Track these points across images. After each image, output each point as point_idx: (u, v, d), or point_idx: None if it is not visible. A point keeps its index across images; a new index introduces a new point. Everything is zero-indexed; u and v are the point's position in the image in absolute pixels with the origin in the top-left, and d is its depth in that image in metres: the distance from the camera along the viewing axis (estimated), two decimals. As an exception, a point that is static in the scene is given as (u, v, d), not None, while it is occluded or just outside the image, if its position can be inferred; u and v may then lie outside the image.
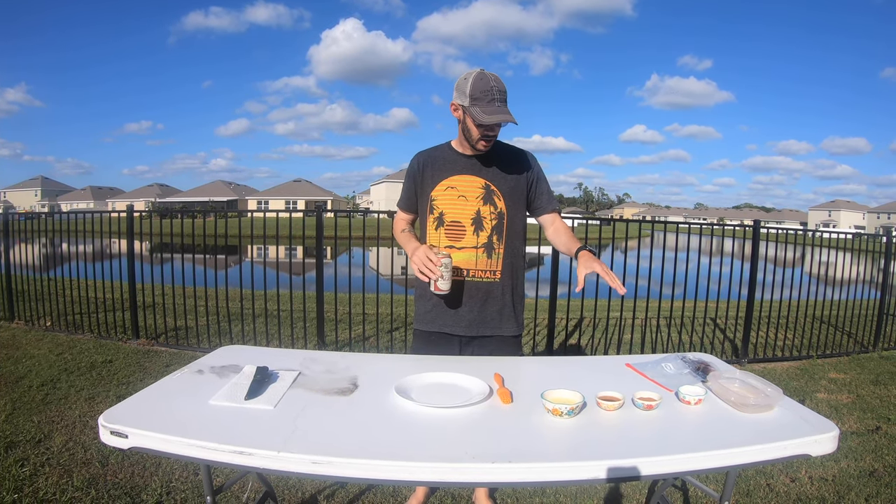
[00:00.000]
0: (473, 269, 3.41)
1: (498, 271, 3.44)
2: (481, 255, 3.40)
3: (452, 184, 3.41)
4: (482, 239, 3.40)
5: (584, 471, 1.98)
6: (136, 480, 4.16)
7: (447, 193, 3.42)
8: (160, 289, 8.48)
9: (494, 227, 3.40)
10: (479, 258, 3.40)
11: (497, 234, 3.42)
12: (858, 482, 4.44)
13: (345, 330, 8.52)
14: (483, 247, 3.40)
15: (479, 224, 3.39)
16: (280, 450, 1.95)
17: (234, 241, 8.88)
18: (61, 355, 7.22)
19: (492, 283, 3.43)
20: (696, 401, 2.49)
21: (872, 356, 8.60)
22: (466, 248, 3.40)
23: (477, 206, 3.39)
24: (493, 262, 3.42)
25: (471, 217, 3.39)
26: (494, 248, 3.41)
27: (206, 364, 2.87)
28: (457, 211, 3.40)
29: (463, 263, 3.39)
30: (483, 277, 3.42)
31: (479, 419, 2.31)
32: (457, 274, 3.35)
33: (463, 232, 3.40)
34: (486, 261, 3.41)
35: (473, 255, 3.40)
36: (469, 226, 3.39)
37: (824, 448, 2.21)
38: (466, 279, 3.40)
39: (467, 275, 3.40)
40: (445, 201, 3.43)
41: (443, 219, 3.42)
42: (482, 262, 3.41)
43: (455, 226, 3.40)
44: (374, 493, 4.09)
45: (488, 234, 3.40)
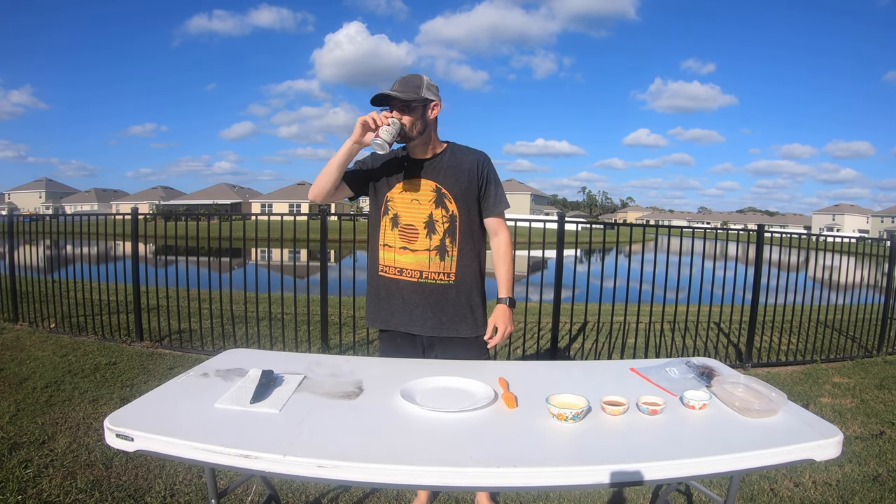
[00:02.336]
0: (427, 272, 3.45)
1: (452, 273, 3.47)
2: (434, 257, 3.44)
3: (406, 187, 3.47)
4: (434, 241, 3.44)
5: (588, 475, 1.98)
6: (140, 483, 4.15)
7: (401, 196, 3.47)
8: (164, 291, 8.49)
9: (447, 231, 3.44)
10: (431, 260, 3.44)
11: (450, 237, 3.45)
12: (862, 487, 4.42)
13: (349, 333, 8.52)
14: (436, 249, 3.44)
15: (432, 227, 3.43)
16: (286, 453, 1.97)
17: (238, 244, 8.88)
18: (65, 357, 7.22)
19: (446, 285, 3.47)
20: (700, 406, 2.49)
21: (876, 360, 8.57)
22: (419, 251, 3.44)
23: (429, 209, 3.44)
24: (446, 265, 3.46)
25: (423, 220, 3.44)
26: (447, 250, 3.45)
27: (211, 367, 2.88)
28: (410, 214, 3.45)
29: (417, 265, 3.44)
30: (437, 279, 3.46)
31: (484, 423, 2.31)
32: (412, 276, 3.43)
33: (416, 234, 3.44)
34: (440, 263, 3.45)
35: (426, 258, 3.44)
36: (422, 229, 3.44)
37: (828, 453, 2.22)
38: (421, 280, 3.44)
39: (422, 276, 3.44)
40: (400, 204, 3.48)
41: (397, 220, 3.47)
42: (435, 265, 3.45)
43: (408, 228, 3.45)
44: (377, 496, 4.10)
45: (441, 236, 3.44)
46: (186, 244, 8.56)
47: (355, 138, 3.25)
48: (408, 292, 3.46)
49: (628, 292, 7.38)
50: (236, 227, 8.41)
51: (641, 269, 7.49)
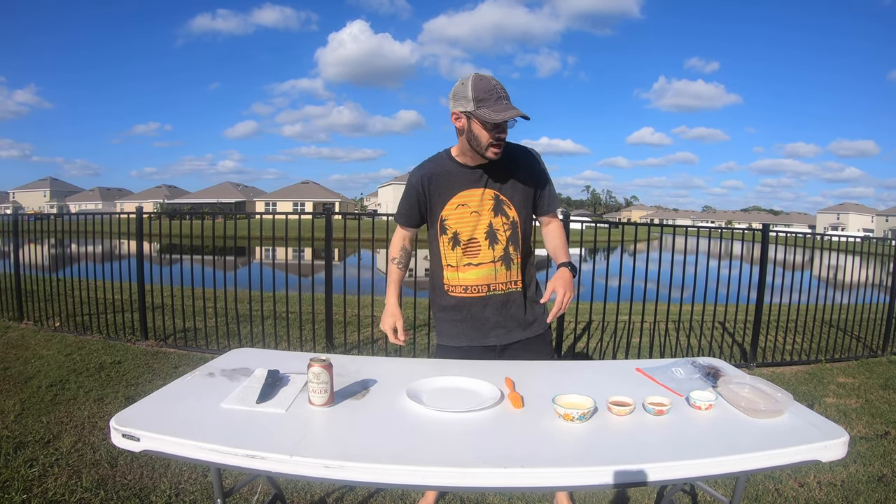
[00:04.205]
0: (494, 283, 3.34)
1: (519, 281, 3.38)
2: (500, 268, 3.32)
3: (462, 200, 3.29)
4: (498, 252, 3.31)
5: (594, 476, 1.98)
6: (146, 482, 4.16)
7: (458, 211, 3.30)
8: (169, 290, 8.49)
9: (510, 238, 3.31)
10: (497, 272, 3.32)
11: (513, 244, 3.33)
12: (867, 487, 4.42)
13: (353, 332, 8.52)
14: (500, 259, 3.31)
15: (494, 237, 3.29)
16: (292, 454, 1.97)
17: (242, 243, 8.88)
18: (70, 356, 7.23)
19: (514, 293, 3.38)
20: (706, 406, 2.49)
21: (882, 360, 8.56)
22: (484, 264, 3.31)
23: (488, 218, 3.29)
24: (512, 273, 3.36)
25: (484, 231, 3.29)
26: (512, 258, 3.34)
27: (216, 367, 2.88)
28: (470, 228, 3.29)
29: (483, 279, 3.32)
30: (505, 290, 3.36)
31: (490, 424, 2.31)
32: (478, 291, 3.33)
33: (479, 248, 3.30)
34: (506, 272, 3.34)
35: (492, 270, 3.32)
36: (483, 240, 3.29)
37: (834, 454, 2.22)
38: (489, 294, 3.35)
39: (489, 290, 3.34)
40: (457, 219, 3.31)
41: (458, 238, 3.31)
42: (502, 275, 3.34)
43: (471, 243, 3.30)
44: (382, 495, 4.09)
45: (504, 245, 3.31)
46: (190, 243, 8.57)
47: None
48: (477, 308, 3.37)
49: (633, 291, 7.39)
50: (241, 226, 8.42)
51: (646, 268, 7.41)
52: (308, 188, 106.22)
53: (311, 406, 2.39)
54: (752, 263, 8.06)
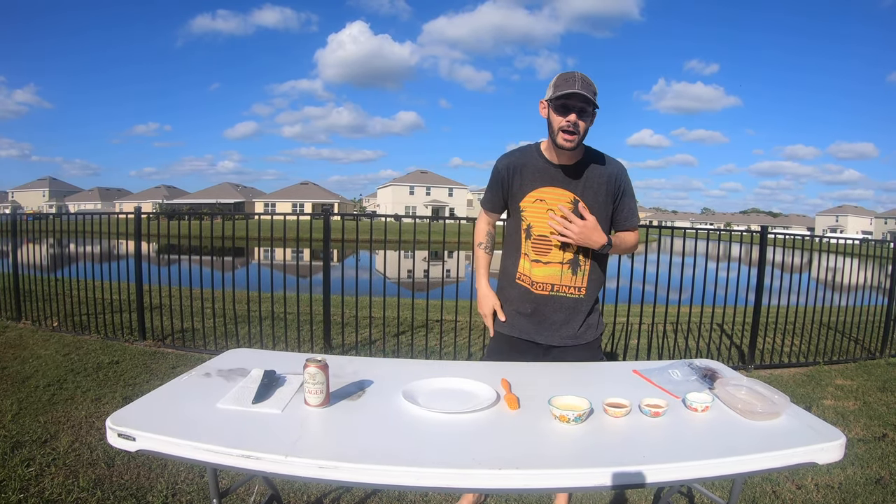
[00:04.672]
0: (559, 285, 3.35)
1: (583, 288, 3.39)
2: (566, 271, 3.34)
3: (541, 196, 3.31)
4: (568, 255, 3.32)
5: (590, 477, 1.99)
6: (142, 482, 4.16)
7: (536, 206, 3.33)
8: (167, 290, 8.49)
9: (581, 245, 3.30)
10: (563, 274, 3.34)
11: (583, 252, 3.34)
12: (864, 490, 4.43)
13: (351, 333, 8.53)
14: (569, 263, 3.33)
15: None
16: (287, 454, 1.96)
17: (241, 244, 8.86)
18: (68, 356, 7.23)
19: (577, 299, 3.39)
20: (703, 408, 2.49)
21: (880, 363, 8.59)
22: (552, 263, 3.33)
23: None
24: (578, 279, 3.36)
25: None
26: (580, 264, 3.35)
27: (213, 367, 2.88)
28: (545, 224, 3.29)
29: (549, 278, 3.35)
30: (568, 293, 3.37)
31: (486, 425, 2.31)
32: (543, 289, 3.35)
33: (549, 247, 3.32)
34: (572, 277, 3.35)
35: (559, 271, 3.34)
36: (556, 241, 3.30)
37: (831, 456, 2.22)
38: (552, 294, 3.36)
39: (553, 290, 3.36)
40: (534, 214, 3.34)
41: (531, 231, 3.34)
42: (567, 279, 3.35)
43: (542, 240, 3.32)
44: (378, 496, 4.10)
45: (575, 250, 3.31)
46: (189, 243, 8.56)
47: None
48: (539, 304, 3.39)
49: (631, 293, 7.38)
50: (239, 227, 8.43)
51: (644, 270, 7.43)
52: (307, 189, 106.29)
53: (307, 407, 2.39)
54: (751, 265, 8.07)
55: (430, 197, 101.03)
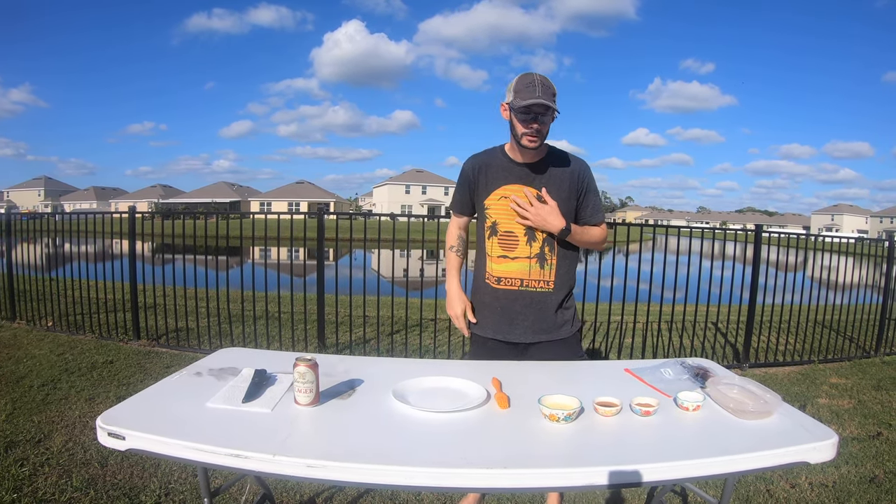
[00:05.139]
0: (527, 279, 3.38)
1: (551, 282, 3.41)
2: (534, 265, 3.37)
3: (506, 193, 3.36)
4: (535, 249, 3.36)
5: (579, 477, 1.98)
6: (136, 481, 4.16)
7: (501, 203, 3.37)
8: (162, 290, 8.48)
9: (546, 239, 3.36)
10: (532, 268, 3.37)
11: (549, 245, 3.37)
12: (859, 488, 4.43)
13: (345, 332, 8.53)
14: (536, 257, 3.36)
15: (532, 234, 3.35)
16: (276, 453, 1.96)
17: (235, 243, 8.84)
18: (62, 355, 7.23)
19: (546, 293, 3.41)
20: (694, 407, 2.49)
21: (874, 361, 8.60)
22: (520, 259, 3.37)
23: None
24: (546, 273, 3.39)
25: (524, 227, 3.34)
26: (547, 258, 3.38)
27: (204, 366, 2.88)
28: (510, 221, 3.36)
29: (517, 273, 3.38)
30: (537, 287, 3.39)
31: (476, 424, 2.31)
32: (511, 284, 3.37)
33: (516, 242, 3.36)
34: (539, 271, 3.38)
35: (527, 266, 3.37)
36: (522, 236, 3.35)
37: (823, 455, 2.21)
38: (521, 289, 3.39)
39: (522, 284, 3.39)
40: (498, 211, 3.39)
41: (496, 228, 3.39)
42: (535, 273, 3.38)
43: (508, 236, 3.37)
44: (371, 496, 4.11)
45: (540, 244, 3.36)
46: (183, 242, 8.55)
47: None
48: (507, 301, 3.41)
49: (625, 292, 7.37)
50: (234, 226, 8.41)
51: (639, 268, 7.42)
52: (303, 188, 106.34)
53: (297, 406, 2.39)
54: (746, 264, 8.08)
55: (426, 196, 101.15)
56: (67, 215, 9.48)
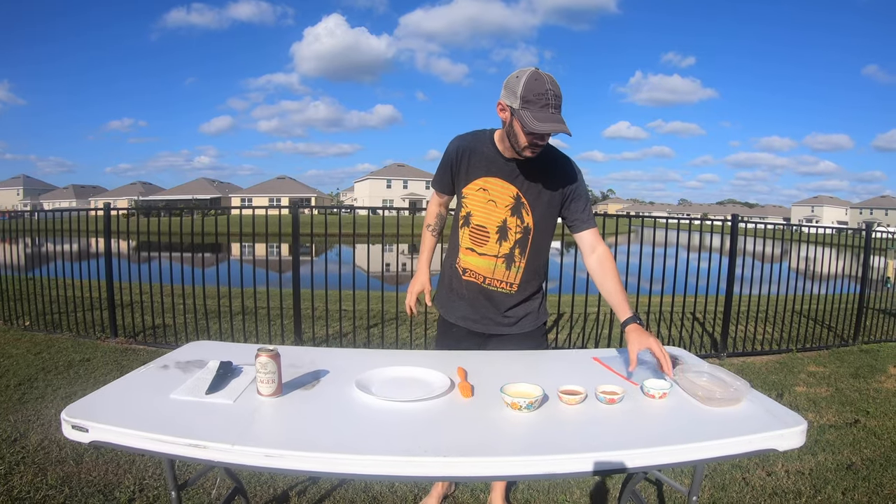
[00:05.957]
0: (490, 278, 3.30)
1: (515, 284, 3.31)
2: (500, 265, 3.27)
3: (485, 185, 3.21)
4: (504, 249, 3.25)
5: (536, 465, 1.98)
6: (110, 478, 4.15)
7: (478, 195, 3.24)
8: (141, 287, 8.45)
9: (518, 241, 3.24)
10: (497, 268, 3.28)
11: (520, 248, 3.26)
12: (836, 476, 4.46)
13: (324, 327, 8.52)
14: (504, 257, 3.26)
15: (504, 234, 3.23)
16: (234, 443, 1.96)
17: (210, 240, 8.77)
18: (39, 354, 7.20)
19: (506, 294, 3.33)
20: (660, 394, 2.50)
21: (852, 349, 8.66)
22: (487, 256, 3.27)
23: (504, 214, 3.21)
24: (511, 275, 3.29)
25: (497, 225, 3.23)
26: (515, 261, 3.27)
27: (171, 359, 2.88)
28: (484, 215, 3.24)
29: (481, 270, 3.30)
30: (499, 288, 3.31)
31: (438, 413, 2.31)
32: (475, 277, 3.33)
33: (486, 238, 3.26)
34: (505, 272, 3.29)
35: (493, 264, 3.28)
36: (493, 233, 3.24)
37: (791, 443, 2.22)
38: (483, 285, 3.33)
39: (484, 282, 3.32)
40: (475, 202, 3.26)
41: (469, 220, 3.28)
42: (500, 273, 3.29)
43: (479, 230, 3.26)
44: (345, 488, 4.10)
45: (511, 245, 3.25)
46: (159, 240, 8.52)
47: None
48: (470, 292, 3.36)
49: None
50: (211, 223, 8.38)
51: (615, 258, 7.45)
52: (284, 184, 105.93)
53: (260, 396, 2.38)
54: (722, 255, 8.10)
55: (407, 190, 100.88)
56: (43, 213, 9.43)
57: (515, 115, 2.86)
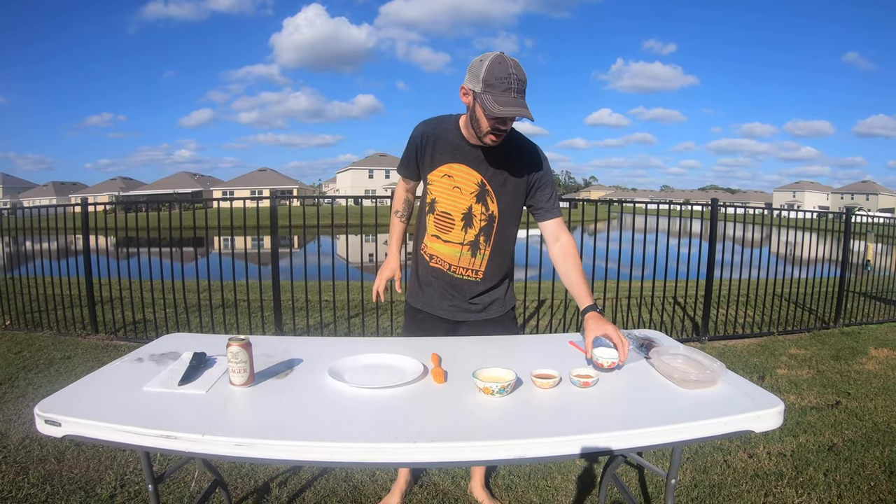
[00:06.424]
0: (455, 266, 3.29)
1: (480, 272, 3.31)
2: (465, 252, 3.26)
3: (450, 172, 3.18)
4: (469, 236, 3.24)
5: (507, 450, 1.97)
6: (92, 474, 4.14)
7: (443, 181, 3.21)
8: (121, 283, 8.42)
9: (483, 228, 3.23)
10: (462, 255, 3.27)
11: (485, 236, 3.25)
12: (817, 457, 4.47)
13: (304, 318, 8.53)
14: (469, 245, 3.25)
15: (469, 221, 3.22)
16: (205, 433, 1.95)
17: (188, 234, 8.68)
18: (20, 353, 7.18)
19: (472, 282, 3.32)
20: (609, 363, 2.57)
21: (833, 332, 8.71)
22: (452, 243, 3.26)
23: (469, 202, 3.19)
24: (476, 262, 3.29)
25: (462, 212, 3.21)
26: (480, 248, 3.26)
27: (146, 352, 2.86)
28: (448, 202, 3.22)
29: (447, 257, 3.29)
30: (464, 275, 3.31)
31: (411, 399, 2.31)
32: (440, 264, 3.31)
33: (452, 225, 3.24)
34: (470, 259, 3.28)
35: (458, 252, 3.27)
36: (458, 220, 3.22)
37: (768, 424, 2.22)
38: (449, 272, 3.32)
39: (450, 269, 3.31)
40: (439, 189, 3.23)
41: (434, 206, 3.26)
42: (465, 260, 3.28)
43: (444, 217, 3.24)
44: (326, 478, 4.09)
45: (476, 232, 3.24)
46: (137, 234, 8.52)
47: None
48: (437, 279, 3.35)
49: (591, 270, 7.40)
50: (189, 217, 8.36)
51: (595, 245, 7.48)
52: (265, 175, 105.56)
53: (232, 386, 2.38)
54: (702, 240, 8.14)
55: (389, 180, 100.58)
56: (22, 211, 9.38)
57: (478, 100, 2.84)
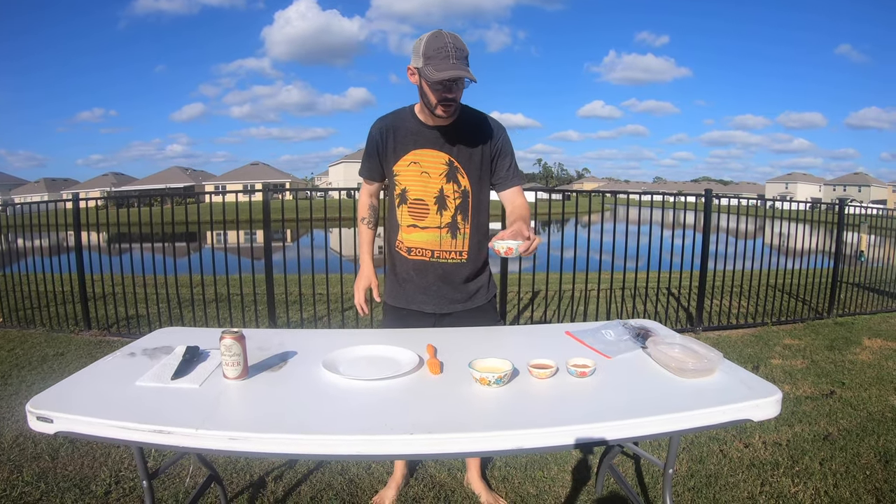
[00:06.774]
0: (438, 250, 3.28)
1: (464, 252, 3.31)
2: (445, 235, 3.26)
3: (415, 158, 3.21)
4: (446, 218, 3.24)
5: (505, 440, 1.97)
6: (86, 471, 4.11)
7: (410, 169, 3.22)
8: (114, 279, 8.41)
9: (459, 207, 3.24)
10: (443, 239, 3.26)
11: (462, 214, 3.26)
12: (812, 446, 4.47)
13: (298, 311, 8.51)
14: (447, 227, 3.25)
15: (443, 203, 3.23)
16: (198, 427, 1.94)
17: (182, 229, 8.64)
18: (13, 351, 7.16)
19: (459, 264, 3.32)
20: (505, 249, 2.69)
21: (827, 322, 8.72)
22: (430, 228, 3.26)
23: (440, 183, 3.21)
24: (458, 243, 3.29)
25: (434, 195, 3.22)
26: (459, 228, 3.27)
27: (138, 347, 2.85)
28: (419, 188, 3.22)
29: (427, 244, 3.28)
30: (448, 258, 3.30)
31: (406, 391, 2.29)
32: (422, 254, 3.29)
33: (426, 211, 3.24)
34: (451, 241, 3.28)
35: (437, 236, 3.26)
36: (432, 205, 3.23)
37: (766, 412, 2.22)
38: (432, 260, 3.30)
39: (433, 256, 3.30)
40: (408, 177, 3.24)
41: (406, 196, 3.25)
42: (447, 243, 3.28)
43: (418, 204, 3.24)
44: (321, 471, 4.07)
45: (452, 213, 3.24)
46: (130, 230, 8.46)
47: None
48: (419, 271, 3.33)
49: (584, 261, 7.40)
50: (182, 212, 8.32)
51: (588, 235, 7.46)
52: (258, 169, 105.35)
53: (226, 380, 2.36)
54: (696, 231, 8.13)
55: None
56: (13, 208, 9.34)
57: (421, 74, 2.91)
